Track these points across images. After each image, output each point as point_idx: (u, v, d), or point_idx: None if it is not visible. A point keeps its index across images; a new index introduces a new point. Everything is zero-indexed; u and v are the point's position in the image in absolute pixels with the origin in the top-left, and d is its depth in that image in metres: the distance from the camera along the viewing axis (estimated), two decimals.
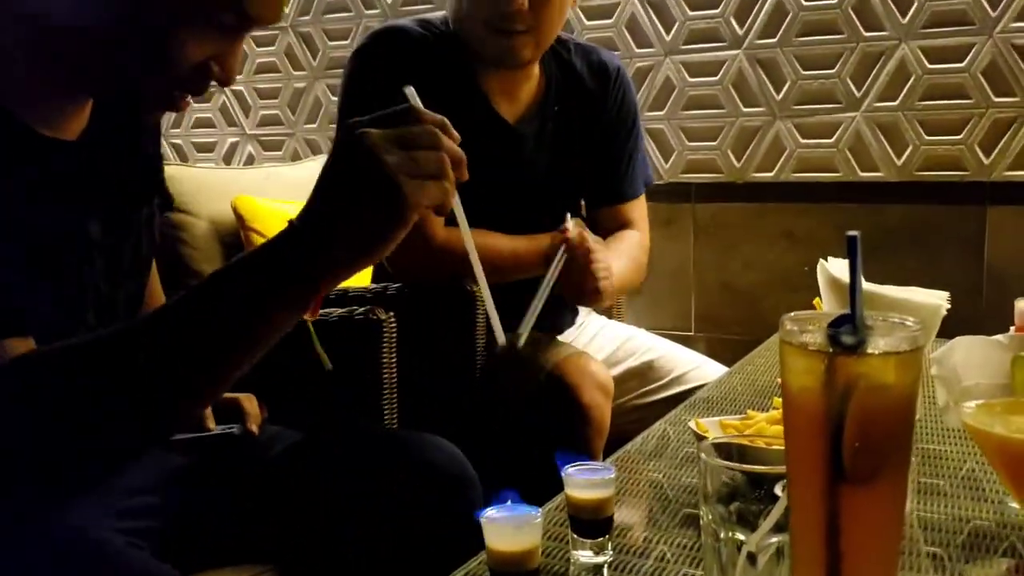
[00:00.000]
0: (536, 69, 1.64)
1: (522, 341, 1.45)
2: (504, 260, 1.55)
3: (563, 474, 0.86)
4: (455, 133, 0.80)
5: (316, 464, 1.08)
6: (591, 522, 0.84)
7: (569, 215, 1.55)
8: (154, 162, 1.07)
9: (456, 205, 0.83)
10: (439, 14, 1.65)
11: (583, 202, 1.76)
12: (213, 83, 0.86)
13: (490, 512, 0.79)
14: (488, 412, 1.56)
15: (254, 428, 1.11)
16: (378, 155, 0.73)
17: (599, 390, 1.51)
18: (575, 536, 0.84)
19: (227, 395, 1.13)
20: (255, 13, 0.83)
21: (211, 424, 1.09)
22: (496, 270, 1.44)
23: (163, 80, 0.83)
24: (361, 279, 1.99)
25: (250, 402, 1.14)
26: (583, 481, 0.84)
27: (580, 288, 1.52)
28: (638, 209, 1.79)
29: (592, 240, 1.53)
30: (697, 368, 1.75)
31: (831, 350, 0.52)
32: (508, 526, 0.78)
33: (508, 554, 0.77)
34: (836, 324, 0.52)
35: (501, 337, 0.87)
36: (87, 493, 0.83)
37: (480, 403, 1.56)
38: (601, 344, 1.81)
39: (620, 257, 1.66)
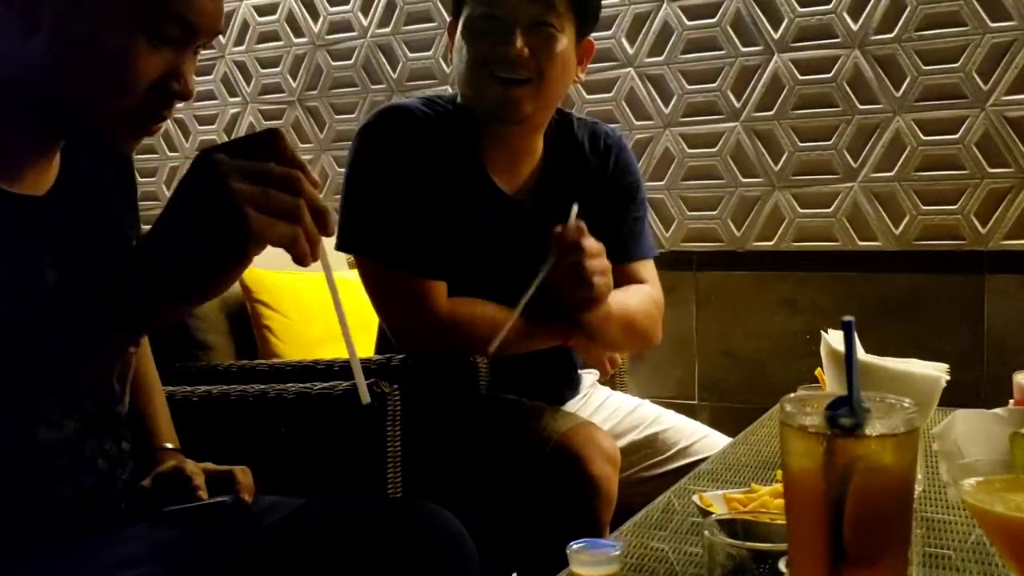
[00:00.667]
0: (539, 143, 1.64)
1: (493, 346, 1.42)
2: (512, 332, 1.51)
3: (568, 551, 0.86)
4: (315, 178, 0.76)
5: (310, 534, 1.07)
6: None
7: (576, 206, 1.46)
8: (125, 222, 1.07)
9: (323, 258, 0.78)
10: (447, 92, 1.69)
11: None
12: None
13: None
14: (492, 483, 1.56)
15: (247, 498, 1.10)
16: (227, 182, 0.69)
17: (607, 461, 1.50)
18: None
19: (221, 467, 1.14)
20: (198, 21, 0.86)
21: (203, 494, 1.09)
22: (507, 342, 1.47)
23: (124, 104, 0.85)
24: (366, 350, 2.01)
25: (244, 474, 1.13)
26: (588, 558, 0.84)
27: (571, 289, 1.44)
28: (648, 270, 1.72)
29: (592, 242, 1.45)
30: (702, 440, 1.75)
31: (830, 432, 0.53)
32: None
33: None
34: (834, 406, 0.54)
35: (365, 395, 0.82)
36: (76, 564, 0.83)
37: (485, 473, 1.56)
38: (606, 415, 1.80)
39: (635, 295, 1.62)
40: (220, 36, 0.93)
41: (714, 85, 2.55)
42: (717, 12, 2.53)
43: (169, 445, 1.17)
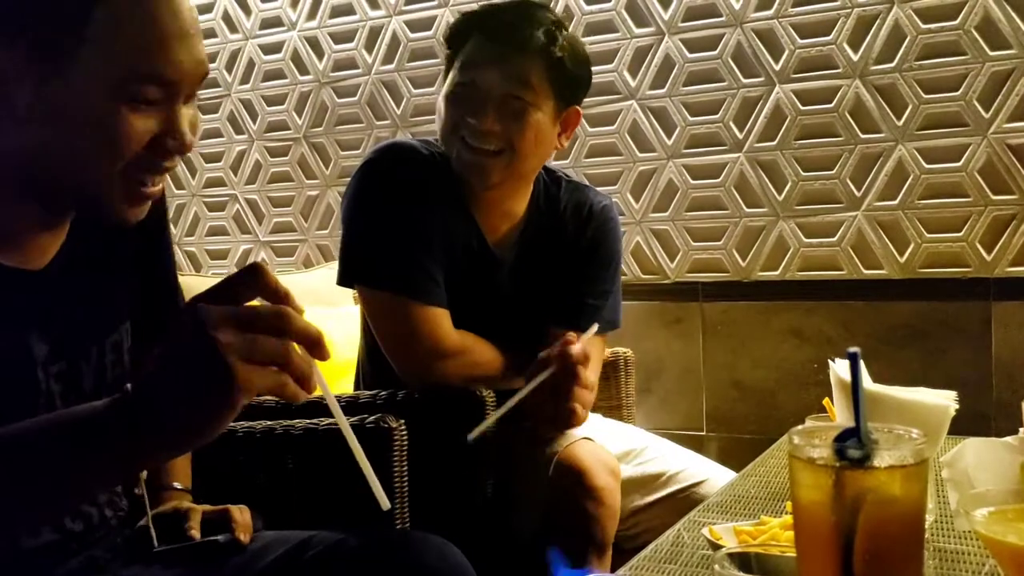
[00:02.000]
0: (520, 203, 1.65)
1: (471, 436, 1.42)
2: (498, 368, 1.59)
3: None
4: (299, 305, 0.76)
5: (315, 567, 1.06)
6: None
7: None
8: (131, 288, 1.07)
9: (322, 386, 0.77)
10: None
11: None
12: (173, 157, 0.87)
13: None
14: (497, 504, 1.56)
15: (243, 537, 1.09)
16: (213, 334, 0.69)
17: (609, 473, 1.51)
18: None
19: (218, 506, 1.13)
20: (176, 77, 0.83)
21: (195, 534, 1.08)
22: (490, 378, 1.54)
23: (121, 169, 0.84)
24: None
25: (240, 512, 1.13)
26: None
27: (556, 409, 1.46)
28: (595, 346, 1.60)
29: (588, 374, 1.46)
30: (706, 482, 1.73)
31: (838, 464, 0.53)
32: None
33: None
34: (842, 438, 0.53)
35: (384, 502, 0.82)
36: None
37: (490, 507, 1.56)
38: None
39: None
40: (226, 74, 0.93)
41: (716, 116, 2.56)
42: (718, 45, 2.55)
43: (178, 485, 1.17)
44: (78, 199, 0.88)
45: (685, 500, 1.64)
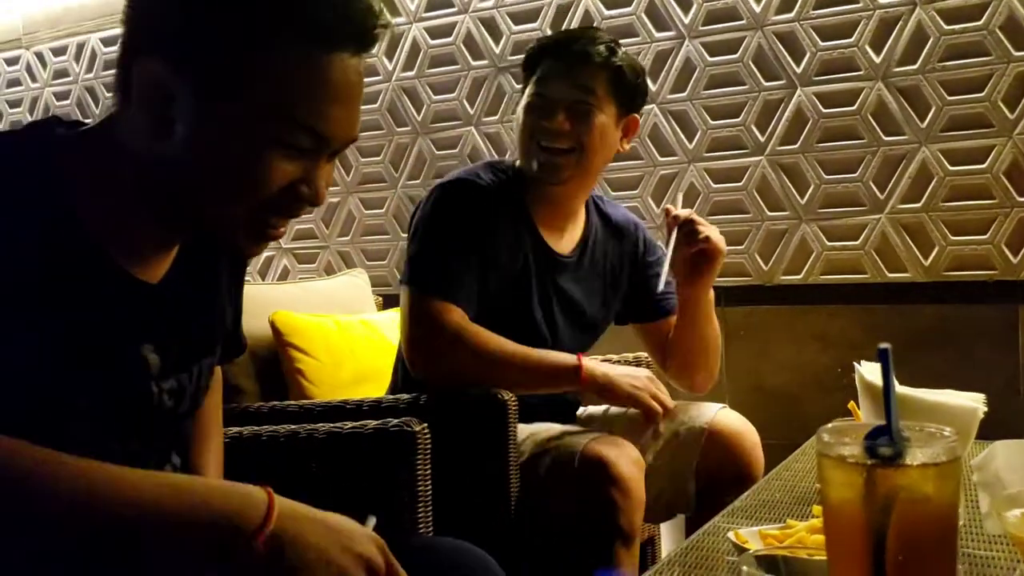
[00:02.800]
0: (581, 209, 1.88)
1: (662, 284, 1.74)
2: (534, 370, 1.70)
3: None
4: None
5: None
6: None
7: (681, 196, 1.84)
8: (225, 313, 1.09)
9: None
10: (507, 159, 1.92)
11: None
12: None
13: None
14: (525, 504, 1.60)
15: None
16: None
17: (634, 464, 1.58)
18: None
19: None
20: (329, 132, 0.86)
21: None
22: (526, 380, 1.67)
23: (253, 207, 0.86)
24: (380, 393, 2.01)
25: None
26: None
27: (694, 252, 1.73)
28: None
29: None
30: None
31: (869, 462, 0.53)
32: None
33: None
34: (872, 436, 0.53)
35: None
36: None
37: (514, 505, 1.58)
38: None
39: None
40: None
41: (738, 120, 2.55)
42: (739, 48, 2.54)
43: None
44: (208, 227, 0.90)
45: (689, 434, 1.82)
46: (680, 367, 1.91)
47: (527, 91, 1.77)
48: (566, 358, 1.71)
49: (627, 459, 1.57)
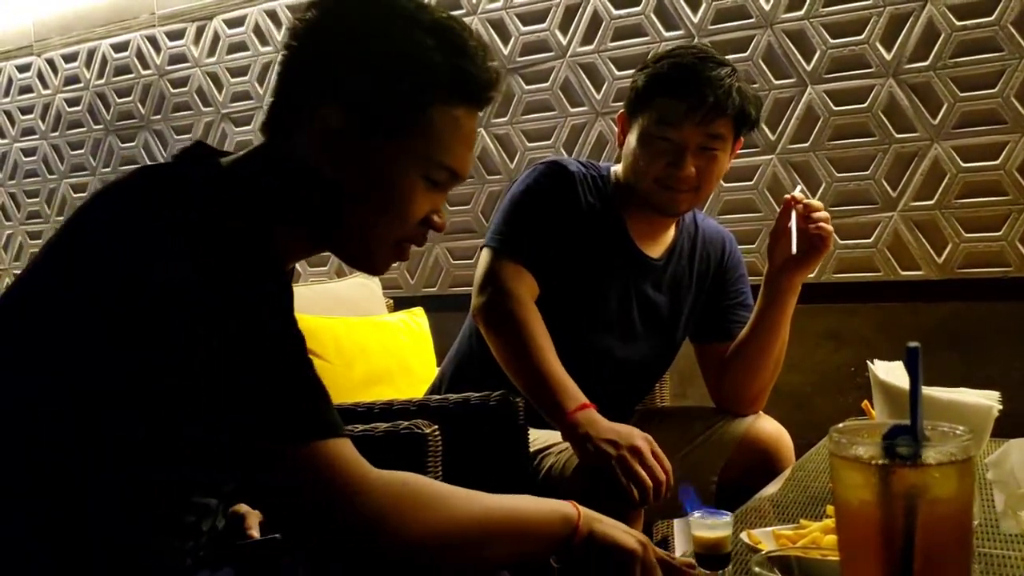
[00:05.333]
0: (675, 221, 1.87)
1: (794, 248, 1.73)
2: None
3: (689, 519, 1.04)
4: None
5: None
6: (713, 557, 1.01)
7: (800, 186, 1.84)
8: None
9: None
10: (605, 164, 1.87)
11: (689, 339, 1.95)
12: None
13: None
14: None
15: None
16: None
17: (644, 441, 1.53)
18: (700, 569, 1.02)
19: None
20: (461, 170, 1.03)
21: (255, 533, 1.10)
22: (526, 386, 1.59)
23: (398, 232, 1.01)
24: (411, 392, 2.01)
25: None
26: (706, 523, 1.02)
27: (812, 232, 1.72)
28: None
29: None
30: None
31: (888, 462, 0.52)
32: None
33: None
34: (891, 435, 0.52)
35: None
36: None
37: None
38: None
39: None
40: (258, 87, 1.03)
41: None
42: (748, 46, 2.53)
43: None
44: (353, 247, 1.03)
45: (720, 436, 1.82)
46: (733, 388, 1.86)
47: (644, 121, 1.71)
48: (568, 399, 1.55)
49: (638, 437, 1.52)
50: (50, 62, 3.72)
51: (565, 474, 1.58)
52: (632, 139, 1.74)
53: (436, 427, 1.43)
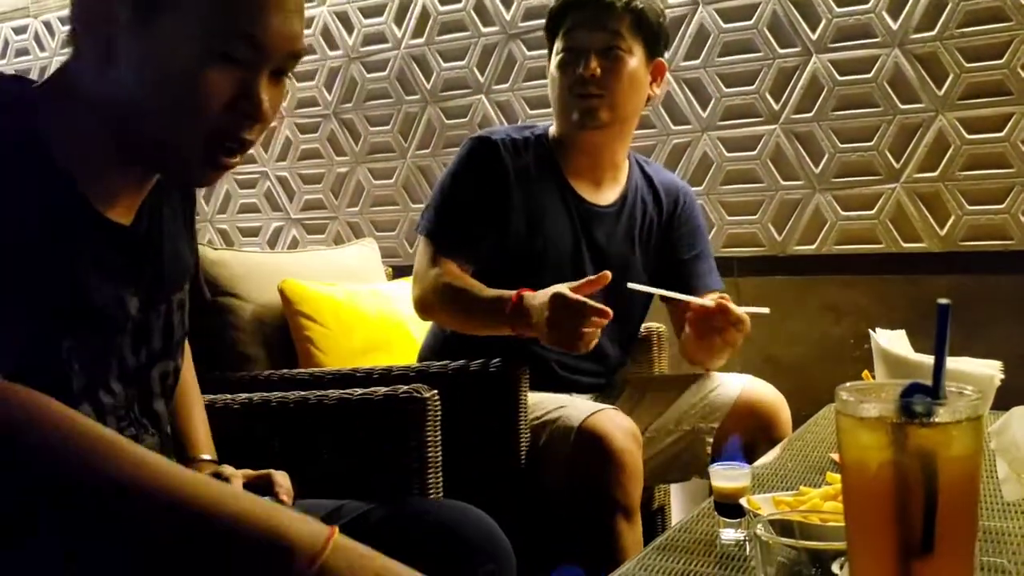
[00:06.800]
0: (622, 160, 1.89)
1: (631, 286, 1.70)
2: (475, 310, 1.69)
3: (709, 469, 1.09)
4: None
5: (346, 532, 1.06)
6: (732, 506, 1.05)
7: (763, 310, 1.78)
8: (188, 250, 1.09)
9: None
10: (544, 124, 1.91)
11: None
12: (251, 124, 0.87)
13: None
14: (529, 482, 1.61)
15: (286, 499, 1.10)
16: None
17: (630, 437, 1.58)
18: (720, 518, 1.06)
19: (260, 471, 1.14)
20: (267, 42, 0.85)
21: None
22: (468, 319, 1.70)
23: (200, 128, 0.85)
24: (404, 359, 2.01)
25: (282, 476, 1.14)
26: (726, 474, 1.07)
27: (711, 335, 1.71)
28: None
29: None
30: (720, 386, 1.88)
31: (903, 420, 0.51)
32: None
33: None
34: (907, 394, 0.51)
35: None
36: None
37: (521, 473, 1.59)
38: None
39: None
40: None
41: (752, 88, 2.52)
42: (753, 14, 2.51)
43: (206, 456, 1.17)
44: (163, 156, 0.89)
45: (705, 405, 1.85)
46: (691, 355, 1.89)
47: (556, 48, 1.81)
48: (504, 292, 1.65)
49: (621, 432, 1.57)
50: (47, 24, 3.68)
51: (563, 442, 1.58)
52: (551, 69, 1.82)
53: (436, 392, 1.42)
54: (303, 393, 1.49)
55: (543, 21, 1.84)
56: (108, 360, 0.93)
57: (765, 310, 1.76)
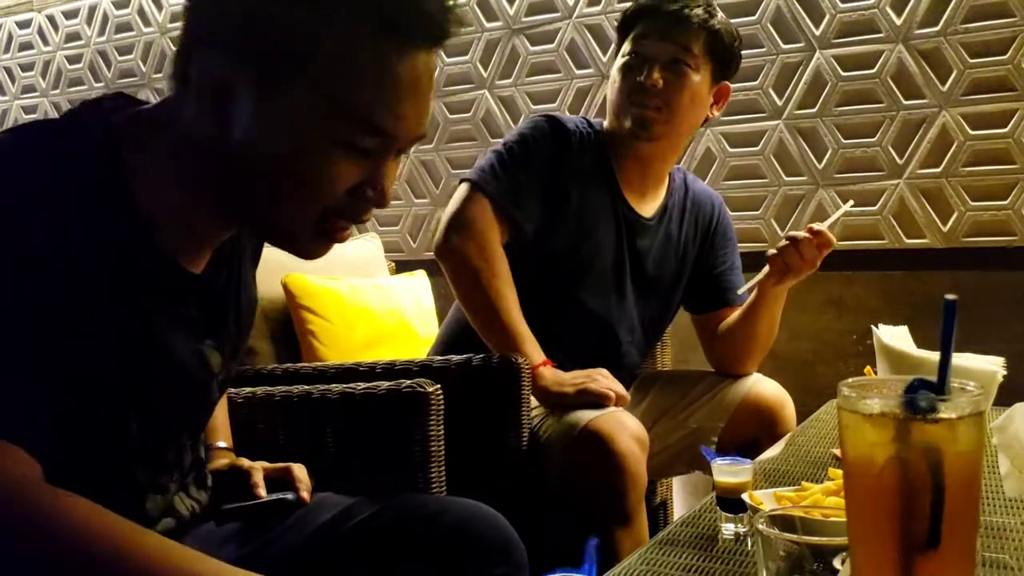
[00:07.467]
0: (669, 166, 1.87)
1: (742, 290, 1.80)
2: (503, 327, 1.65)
3: (712, 464, 1.09)
4: None
5: (358, 532, 1.07)
6: (734, 501, 1.05)
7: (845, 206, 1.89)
8: (253, 301, 1.07)
9: None
10: (598, 119, 1.86)
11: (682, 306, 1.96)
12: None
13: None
14: (531, 478, 1.59)
15: (305, 495, 1.10)
16: None
17: (634, 440, 1.54)
18: (722, 513, 1.06)
19: (278, 464, 1.14)
20: (397, 131, 0.79)
21: (262, 492, 1.09)
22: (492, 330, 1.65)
23: (316, 211, 0.81)
24: (415, 352, 2.01)
25: (301, 470, 1.14)
26: (728, 469, 1.07)
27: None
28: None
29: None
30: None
31: (907, 415, 0.51)
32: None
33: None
34: (911, 389, 0.52)
35: None
36: None
37: (524, 469, 1.58)
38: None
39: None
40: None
41: (755, 83, 2.52)
42: (757, 10, 2.50)
43: (222, 443, 1.17)
44: (270, 226, 0.85)
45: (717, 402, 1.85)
46: (727, 356, 1.90)
47: (623, 50, 1.78)
48: (532, 352, 1.63)
49: (626, 434, 1.54)
50: (50, 18, 3.68)
51: (566, 442, 1.57)
52: (613, 71, 1.78)
53: (439, 386, 1.42)
54: (307, 387, 1.49)
55: (546, 16, 1.83)
56: (182, 417, 0.92)
57: (848, 205, 1.89)
